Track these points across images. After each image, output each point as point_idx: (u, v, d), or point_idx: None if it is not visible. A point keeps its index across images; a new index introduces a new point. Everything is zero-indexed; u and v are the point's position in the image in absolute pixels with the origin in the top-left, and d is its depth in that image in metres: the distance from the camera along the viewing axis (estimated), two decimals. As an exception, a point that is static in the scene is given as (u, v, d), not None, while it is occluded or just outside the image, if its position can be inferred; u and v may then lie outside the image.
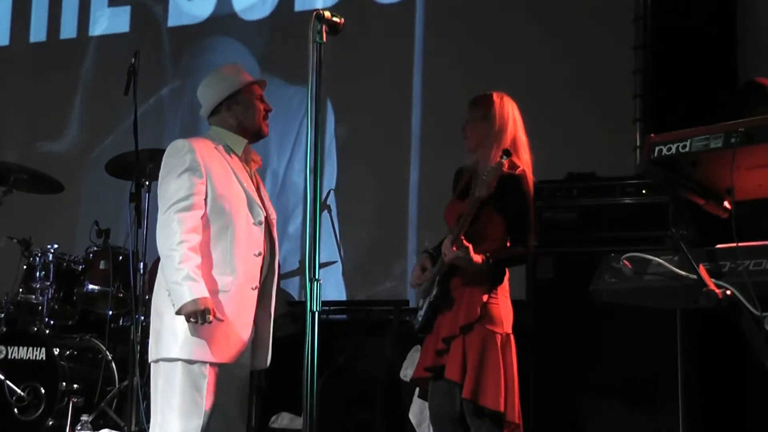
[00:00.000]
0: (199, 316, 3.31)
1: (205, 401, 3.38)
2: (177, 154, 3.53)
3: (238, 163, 3.60)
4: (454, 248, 3.56)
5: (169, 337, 3.42)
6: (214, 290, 3.41)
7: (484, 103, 3.81)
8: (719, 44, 5.66)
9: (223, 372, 3.46)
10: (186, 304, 3.31)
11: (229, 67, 3.83)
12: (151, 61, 6.91)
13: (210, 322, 3.33)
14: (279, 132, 6.38)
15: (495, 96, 3.82)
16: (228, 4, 7.10)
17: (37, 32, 7.71)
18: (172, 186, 3.48)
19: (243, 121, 3.66)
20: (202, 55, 7.13)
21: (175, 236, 3.37)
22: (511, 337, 3.69)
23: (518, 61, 6.11)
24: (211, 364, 3.40)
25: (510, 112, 3.79)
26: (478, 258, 3.56)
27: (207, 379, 3.39)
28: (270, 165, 6.49)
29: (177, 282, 3.33)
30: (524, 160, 3.76)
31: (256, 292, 3.52)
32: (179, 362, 3.40)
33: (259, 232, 3.55)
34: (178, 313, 3.33)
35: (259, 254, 3.53)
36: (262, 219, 3.57)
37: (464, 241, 3.55)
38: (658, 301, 2.89)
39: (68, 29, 7.60)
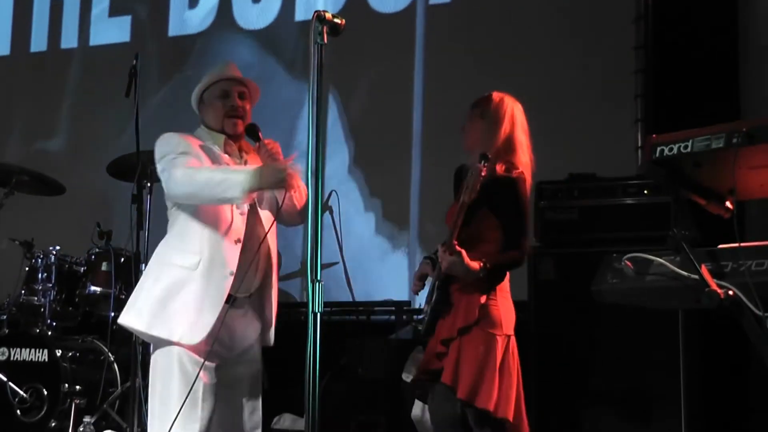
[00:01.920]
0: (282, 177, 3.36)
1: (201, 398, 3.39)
2: (170, 141, 3.57)
3: (226, 158, 3.59)
4: (449, 254, 3.52)
5: (133, 309, 3.47)
6: (178, 265, 3.44)
7: (482, 102, 3.80)
8: (720, 44, 5.65)
9: (222, 368, 3.48)
10: (252, 179, 3.33)
11: (216, 65, 3.85)
12: (151, 68, 6.95)
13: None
14: (284, 133, 6.38)
15: (494, 95, 3.80)
16: (228, 14, 7.11)
17: (38, 42, 7.74)
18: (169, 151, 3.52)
19: (207, 121, 3.69)
20: (201, 64, 7.15)
21: (180, 173, 3.42)
22: (513, 338, 3.66)
23: (519, 62, 6.11)
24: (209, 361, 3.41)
25: (508, 112, 3.75)
26: (474, 264, 3.51)
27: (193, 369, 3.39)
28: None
29: (224, 183, 3.35)
30: (523, 162, 3.70)
31: (230, 278, 3.46)
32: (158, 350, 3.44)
33: (241, 221, 3.54)
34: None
35: (238, 241, 3.51)
36: (245, 210, 3.55)
37: (457, 246, 3.51)
38: (660, 301, 2.89)
39: (69, 39, 7.63)
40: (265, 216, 3.60)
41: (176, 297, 3.44)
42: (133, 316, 3.50)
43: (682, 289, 2.45)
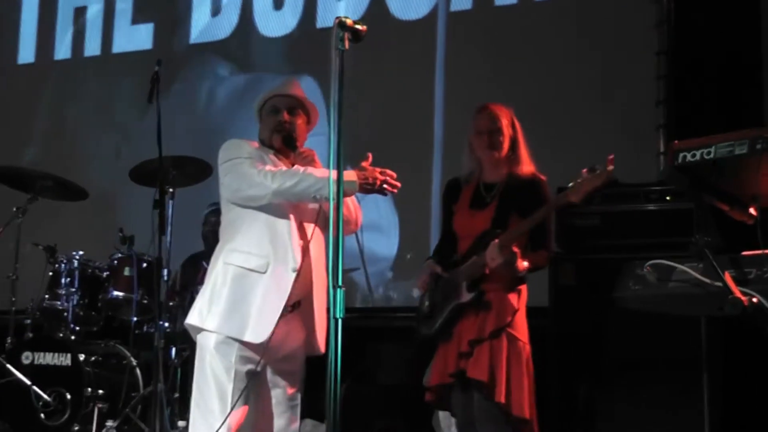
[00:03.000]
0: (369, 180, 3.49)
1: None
2: (236, 145, 3.67)
3: (282, 166, 3.66)
4: (503, 253, 3.56)
5: (202, 310, 3.51)
6: (246, 268, 3.49)
7: (508, 112, 3.91)
8: (743, 49, 5.63)
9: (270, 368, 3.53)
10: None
11: (277, 84, 3.92)
12: (173, 75, 7.00)
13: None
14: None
15: (493, 107, 3.93)
16: (250, 21, 7.15)
17: (62, 49, 7.81)
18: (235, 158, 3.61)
19: (260, 135, 3.79)
20: (223, 70, 7.19)
21: (253, 176, 3.50)
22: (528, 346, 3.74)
23: (540, 68, 6.11)
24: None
25: (510, 120, 3.90)
26: (522, 265, 3.60)
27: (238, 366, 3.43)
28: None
29: (302, 185, 3.44)
30: (527, 159, 3.86)
31: (293, 275, 3.50)
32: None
33: (307, 224, 3.59)
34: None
35: (303, 244, 3.55)
36: (314, 213, 3.62)
37: (514, 247, 3.57)
38: (682, 308, 2.88)
39: (92, 46, 7.69)
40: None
41: (245, 298, 3.47)
42: (203, 317, 3.52)
43: (704, 296, 2.44)
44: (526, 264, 3.63)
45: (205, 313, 3.51)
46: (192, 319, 3.55)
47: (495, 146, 3.84)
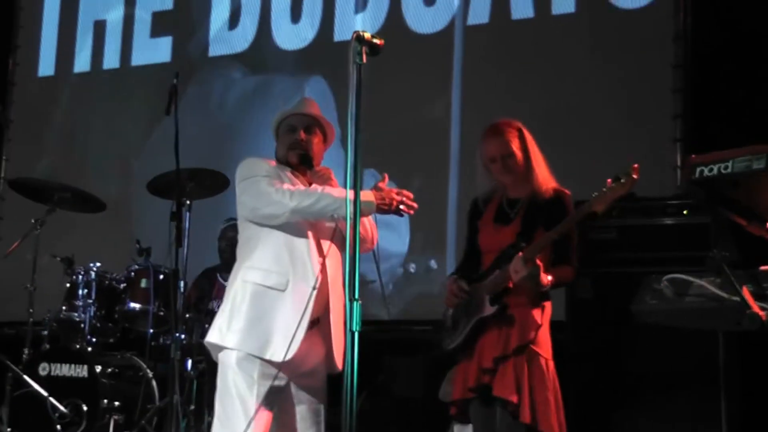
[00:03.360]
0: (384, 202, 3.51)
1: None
2: (254, 164, 3.68)
3: (299, 184, 3.66)
4: (527, 266, 3.56)
5: (222, 328, 3.51)
6: (266, 286, 3.49)
7: (518, 134, 3.87)
8: (761, 63, 5.61)
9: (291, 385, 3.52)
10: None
11: (293, 102, 3.94)
12: (191, 87, 7.04)
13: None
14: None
15: (517, 124, 3.89)
16: (268, 35, 7.18)
17: (81, 62, 7.87)
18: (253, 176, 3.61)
19: (276, 153, 3.80)
20: (239, 84, 7.23)
21: (270, 194, 3.51)
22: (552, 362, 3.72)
23: (557, 81, 6.11)
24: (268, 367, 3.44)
25: (524, 136, 3.86)
26: (545, 279, 3.58)
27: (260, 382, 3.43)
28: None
29: (320, 204, 3.46)
30: (546, 175, 3.83)
31: (314, 293, 3.49)
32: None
33: (325, 241, 3.59)
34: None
35: (322, 262, 3.55)
36: (331, 231, 3.61)
37: (538, 260, 3.56)
38: (699, 323, 2.87)
39: (111, 59, 7.75)
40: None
41: (266, 316, 3.48)
42: (223, 334, 3.52)
43: (722, 311, 2.43)
44: (549, 278, 3.61)
45: (225, 331, 3.51)
46: (212, 337, 3.55)
47: (511, 170, 3.83)
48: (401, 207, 3.60)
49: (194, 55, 7.44)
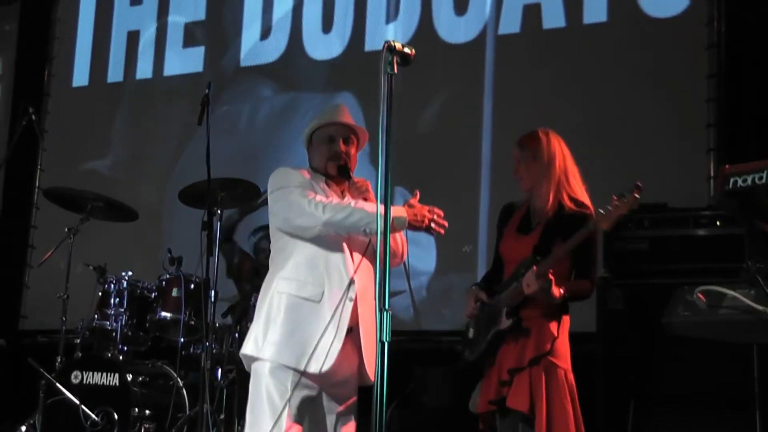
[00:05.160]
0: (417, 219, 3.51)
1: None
2: (286, 174, 3.66)
3: (333, 194, 3.66)
4: (539, 280, 3.55)
5: (258, 339, 3.50)
6: (301, 297, 3.48)
7: (531, 143, 3.87)
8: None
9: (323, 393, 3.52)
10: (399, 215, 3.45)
11: (326, 107, 3.93)
12: (223, 102, 7.09)
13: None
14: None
15: (541, 134, 3.87)
16: (299, 44, 7.21)
17: (115, 73, 7.95)
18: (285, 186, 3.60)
19: (312, 162, 3.78)
20: (271, 93, 7.26)
21: (303, 206, 3.50)
22: (571, 374, 3.69)
23: (589, 90, 6.09)
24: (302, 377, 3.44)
25: (557, 147, 3.84)
26: (557, 292, 3.57)
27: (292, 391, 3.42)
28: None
29: (352, 218, 3.45)
30: (577, 191, 3.81)
31: (351, 304, 3.50)
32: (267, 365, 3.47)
33: (358, 253, 3.60)
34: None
35: (355, 272, 3.54)
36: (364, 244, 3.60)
37: (550, 274, 3.55)
38: (733, 335, 2.85)
39: (144, 69, 7.82)
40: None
41: (301, 327, 3.47)
42: (259, 347, 3.51)
43: (756, 323, 2.40)
44: (561, 291, 3.58)
45: (261, 343, 3.50)
46: (248, 349, 3.55)
47: (529, 175, 3.83)
48: (432, 225, 3.57)
49: (226, 65, 7.49)
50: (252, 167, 6.56)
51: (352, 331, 3.54)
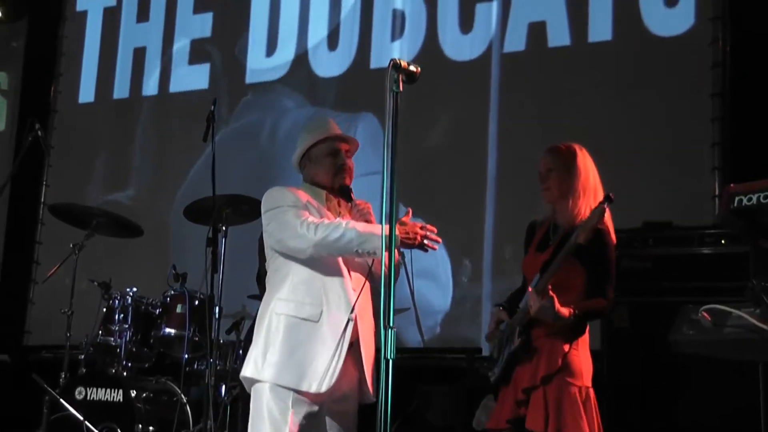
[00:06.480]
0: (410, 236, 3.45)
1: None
2: (279, 194, 3.63)
3: (329, 214, 3.64)
4: (540, 299, 3.52)
5: (257, 360, 3.49)
6: (299, 318, 3.47)
7: (567, 155, 3.80)
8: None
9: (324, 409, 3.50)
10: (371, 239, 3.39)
11: (315, 120, 3.91)
12: (227, 114, 7.11)
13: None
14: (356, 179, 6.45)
15: (577, 149, 3.81)
16: (305, 62, 7.24)
17: (121, 89, 7.99)
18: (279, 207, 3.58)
19: (314, 176, 3.73)
20: (275, 110, 7.28)
21: (296, 227, 3.47)
22: (591, 390, 3.65)
23: (594, 108, 6.10)
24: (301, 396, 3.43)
25: (590, 165, 3.80)
26: (564, 311, 3.53)
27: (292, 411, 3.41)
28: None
29: (344, 239, 3.41)
30: (593, 206, 3.72)
31: (351, 324, 3.49)
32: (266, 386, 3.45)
33: (357, 272, 3.58)
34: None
35: (354, 291, 3.53)
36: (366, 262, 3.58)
37: (550, 291, 3.52)
38: (738, 354, 2.84)
39: (150, 86, 7.86)
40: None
41: (300, 348, 3.46)
42: (259, 369, 3.50)
43: (762, 342, 2.40)
44: (570, 310, 3.53)
45: (260, 365, 3.49)
46: (247, 371, 3.54)
47: (549, 188, 3.80)
48: (425, 242, 3.55)
49: (232, 82, 7.51)
50: (265, 183, 6.58)
51: (353, 346, 3.53)
